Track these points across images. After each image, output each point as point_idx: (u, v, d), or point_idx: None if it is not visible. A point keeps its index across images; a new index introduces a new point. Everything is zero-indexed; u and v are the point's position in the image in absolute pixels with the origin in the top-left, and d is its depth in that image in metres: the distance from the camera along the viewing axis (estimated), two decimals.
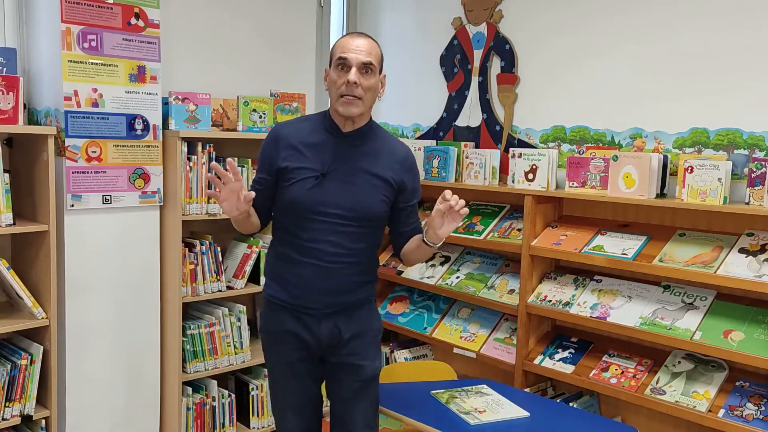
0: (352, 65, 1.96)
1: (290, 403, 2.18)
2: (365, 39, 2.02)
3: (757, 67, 2.47)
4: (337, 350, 2.14)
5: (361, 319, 2.16)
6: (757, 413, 2.30)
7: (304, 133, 2.08)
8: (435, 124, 3.57)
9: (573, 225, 2.91)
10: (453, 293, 3.20)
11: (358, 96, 1.98)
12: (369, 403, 2.20)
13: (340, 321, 2.11)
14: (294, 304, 2.09)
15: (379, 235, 2.18)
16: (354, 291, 2.12)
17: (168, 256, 2.90)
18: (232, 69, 3.27)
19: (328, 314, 2.10)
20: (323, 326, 2.10)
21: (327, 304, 2.08)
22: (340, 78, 1.98)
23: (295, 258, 2.07)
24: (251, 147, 3.22)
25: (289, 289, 2.09)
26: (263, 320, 2.21)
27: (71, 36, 2.57)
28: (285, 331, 2.12)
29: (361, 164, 2.06)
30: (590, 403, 2.87)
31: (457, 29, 3.43)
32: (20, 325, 2.51)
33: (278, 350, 2.16)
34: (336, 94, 2.00)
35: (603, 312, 2.67)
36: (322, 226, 2.03)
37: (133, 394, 2.90)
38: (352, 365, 2.14)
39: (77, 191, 2.65)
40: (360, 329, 2.15)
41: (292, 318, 2.11)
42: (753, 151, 2.49)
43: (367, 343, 2.17)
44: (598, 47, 2.91)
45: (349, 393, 2.17)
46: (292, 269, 2.08)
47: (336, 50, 2.01)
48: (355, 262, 2.09)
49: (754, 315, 2.40)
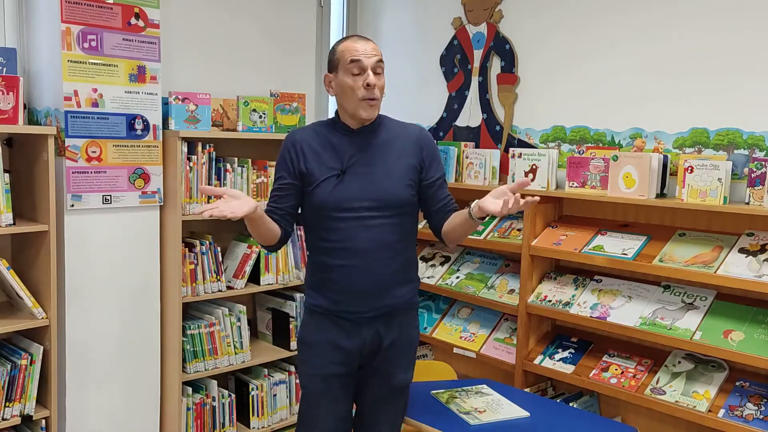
0: (368, 67, 1.96)
1: (319, 423, 2.10)
2: (369, 41, 2.02)
3: (757, 67, 2.47)
4: (375, 357, 2.10)
5: (402, 327, 2.12)
6: (757, 413, 2.30)
7: (316, 135, 2.08)
8: (435, 124, 3.57)
9: (573, 225, 2.91)
10: (453, 293, 3.20)
11: (377, 98, 1.99)
12: (396, 411, 2.18)
13: (381, 327, 2.07)
14: (335, 310, 2.05)
15: (412, 226, 2.13)
16: (394, 291, 2.07)
17: (168, 256, 2.90)
18: (232, 69, 3.27)
19: (370, 319, 2.05)
20: (364, 332, 2.05)
21: (368, 307, 2.03)
22: (357, 82, 1.96)
23: (330, 263, 2.03)
24: (251, 147, 3.23)
25: (329, 296, 2.05)
26: (302, 329, 2.15)
27: (71, 36, 2.57)
28: (325, 341, 2.06)
29: (378, 154, 2.04)
30: (590, 403, 2.87)
31: (457, 29, 3.43)
32: (20, 325, 2.51)
33: (315, 362, 2.09)
34: (356, 98, 1.98)
35: (603, 312, 2.67)
36: (352, 224, 1.99)
37: (133, 394, 2.90)
38: (385, 373, 2.11)
39: (77, 191, 2.65)
40: (399, 338, 2.11)
41: (333, 325, 2.06)
42: (753, 151, 2.49)
43: (403, 352, 2.14)
44: (598, 47, 2.91)
45: (377, 400, 2.15)
46: (329, 275, 2.04)
47: (345, 55, 1.98)
48: (390, 257, 2.04)
49: (754, 315, 2.40)
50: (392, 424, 2.19)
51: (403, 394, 2.19)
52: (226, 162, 3.01)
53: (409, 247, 2.14)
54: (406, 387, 2.18)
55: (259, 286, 3.14)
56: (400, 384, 2.15)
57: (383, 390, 2.14)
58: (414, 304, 2.17)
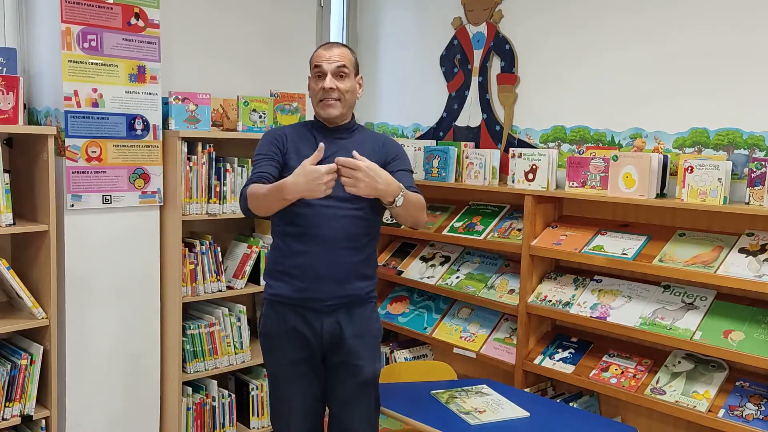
0: (327, 72, 2.13)
1: (295, 407, 2.17)
2: (338, 47, 2.19)
3: (757, 67, 2.47)
4: (338, 349, 2.15)
5: (363, 320, 2.19)
6: (757, 413, 2.30)
7: (296, 132, 2.23)
8: (435, 124, 3.57)
9: (573, 225, 2.91)
10: (453, 293, 3.20)
11: (336, 98, 2.14)
12: (368, 405, 2.21)
13: (341, 318, 2.14)
14: (298, 298, 2.12)
15: (377, 224, 2.23)
16: (355, 283, 2.15)
17: (168, 256, 2.90)
18: (232, 69, 3.27)
19: (331, 309, 2.13)
20: (325, 323, 2.13)
21: (331, 295, 2.11)
22: (317, 85, 2.16)
23: (295, 248, 2.12)
24: (251, 147, 3.20)
25: (293, 283, 2.12)
26: (265, 322, 2.22)
27: (71, 36, 2.57)
28: (287, 330, 2.14)
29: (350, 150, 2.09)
30: (590, 403, 2.87)
31: (457, 29, 3.43)
32: (20, 325, 2.51)
33: (281, 351, 2.17)
34: (315, 99, 2.18)
35: (603, 312, 2.67)
36: (321, 211, 2.08)
37: (133, 394, 2.90)
38: (352, 365, 2.16)
39: (77, 191, 2.65)
40: (360, 330, 2.17)
41: (294, 315, 2.13)
42: (753, 151, 2.49)
43: (366, 344, 2.19)
44: (598, 47, 2.91)
45: (348, 394, 2.18)
46: (296, 259, 2.12)
47: (312, 61, 2.19)
48: (354, 249, 2.13)
49: (754, 315, 2.40)
50: (367, 417, 2.22)
51: (374, 386, 2.23)
52: (226, 162, 3.01)
53: (372, 243, 2.23)
54: (375, 379, 2.22)
55: (259, 286, 3.14)
56: (369, 376, 2.19)
57: (353, 384, 2.17)
58: (372, 298, 2.25)
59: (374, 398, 2.24)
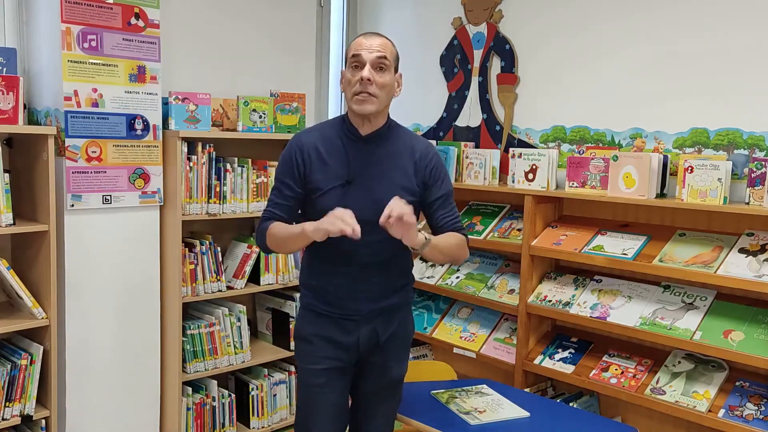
0: (366, 62, 1.92)
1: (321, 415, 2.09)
2: (379, 37, 1.98)
3: (757, 67, 2.47)
4: (372, 352, 2.11)
5: (399, 323, 2.14)
6: (757, 413, 2.30)
7: (324, 139, 2.02)
8: (435, 124, 3.57)
9: (573, 225, 2.91)
10: (453, 293, 3.20)
11: (373, 93, 1.92)
12: (390, 405, 2.20)
13: (378, 325, 2.09)
14: (334, 311, 2.06)
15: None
16: (392, 296, 2.09)
17: (168, 256, 2.90)
18: (232, 69, 3.27)
19: (368, 318, 2.07)
20: (363, 330, 2.07)
21: (366, 309, 2.06)
22: (354, 76, 1.93)
23: (331, 268, 2.05)
24: (251, 147, 3.23)
25: (329, 300, 2.06)
26: (300, 325, 2.13)
27: (71, 36, 2.57)
28: (322, 336, 2.07)
29: (383, 168, 2.01)
30: (590, 403, 2.87)
31: (457, 29, 3.43)
32: (20, 325, 2.51)
33: (313, 355, 2.08)
34: (351, 92, 1.95)
35: (603, 312, 2.67)
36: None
37: (133, 394, 2.90)
38: (382, 366, 2.13)
39: (77, 191, 2.65)
40: (395, 332, 2.13)
41: (330, 323, 2.07)
42: (753, 151, 2.49)
43: (399, 345, 2.16)
44: (598, 47, 2.91)
45: (374, 394, 2.16)
46: (329, 279, 2.05)
47: (350, 50, 1.97)
48: (387, 269, 2.06)
49: (754, 315, 2.40)
50: (387, 417, 2.21)
51: (399, 387, 2.21)
52: (226, 162, 3.01)
53: (408, 255, 2.15)
54: (401, 380, 2.20)
55: (259, 286, 3.14)
56: (396, 377, 2.17)
57: (380, 384, 2.15)
58: (409, 301, 2.19)
59: (398, 398, 2.23)
